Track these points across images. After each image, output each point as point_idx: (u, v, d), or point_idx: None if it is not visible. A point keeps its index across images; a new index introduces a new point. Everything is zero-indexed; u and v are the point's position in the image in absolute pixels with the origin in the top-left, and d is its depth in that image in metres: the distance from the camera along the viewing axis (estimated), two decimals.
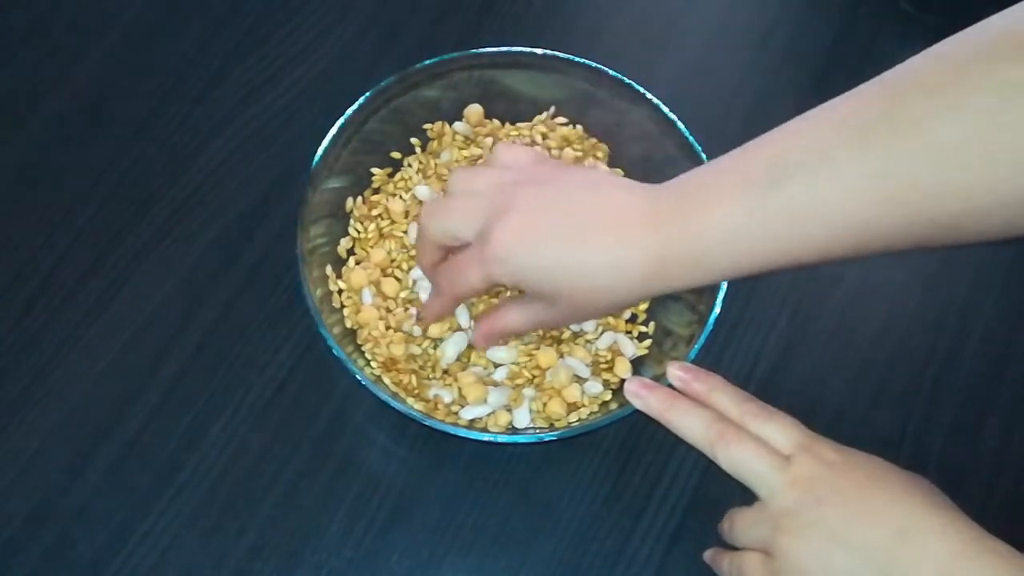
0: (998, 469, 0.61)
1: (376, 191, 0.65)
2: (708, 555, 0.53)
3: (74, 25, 0.73)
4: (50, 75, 0.71)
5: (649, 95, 0.62)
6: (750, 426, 0.48)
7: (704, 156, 0.60)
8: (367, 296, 0.61)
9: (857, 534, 0.44)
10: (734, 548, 0.50)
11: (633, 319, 0.63)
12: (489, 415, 0.59)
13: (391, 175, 0.66)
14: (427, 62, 0.63)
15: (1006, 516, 0.45)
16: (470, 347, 0.61)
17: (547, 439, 0.56)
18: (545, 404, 0.59)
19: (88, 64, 0.71)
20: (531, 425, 0.59)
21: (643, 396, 0.50)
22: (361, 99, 0.62)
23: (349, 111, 0.61)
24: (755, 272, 0.47)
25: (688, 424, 0.49)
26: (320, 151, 0.60)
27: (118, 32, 0.72)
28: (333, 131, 0.61)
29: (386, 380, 0.59)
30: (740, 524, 0.49)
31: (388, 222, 0.64)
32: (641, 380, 0.51)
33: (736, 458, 0.47)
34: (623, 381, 0.60)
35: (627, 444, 0.61)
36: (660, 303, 0.63)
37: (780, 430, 0.48)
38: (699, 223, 0.46)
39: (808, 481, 0.46)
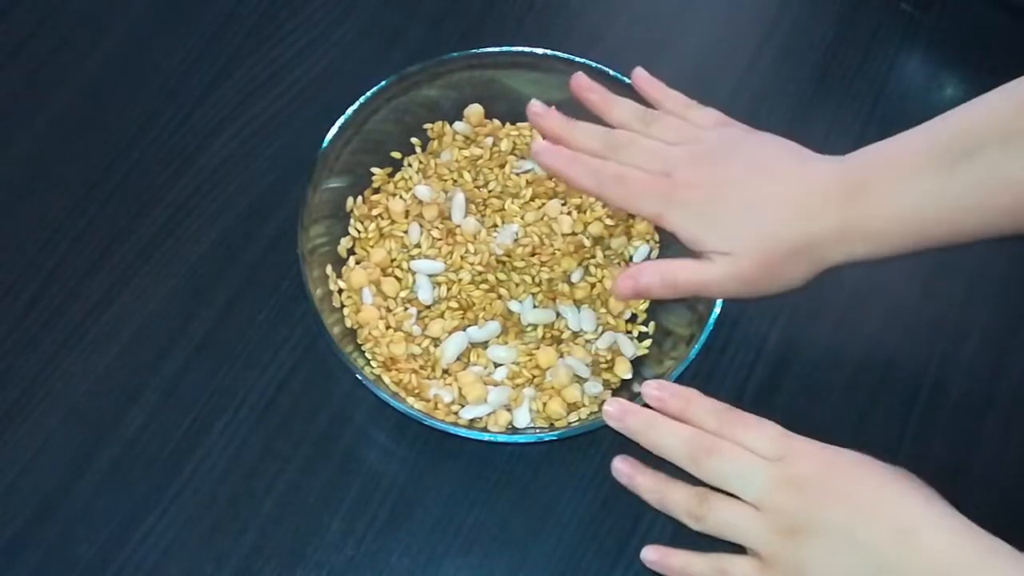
0: (997, 469, 0.61)
1: (376, 191, 0.65)
2: (653, 555, 0.50)
3: (76, 26, 0.73)
4: (52, 75, 0.71)
5: None
6: (730, 435, 0.48)
7: None
8: (367, 296, 0.62)
9: (855, 532, 0.44)
10: (688, 544, 0.49)
11: (633, 319, 0.63)
12: (489, 415, 0.59)
13: (391, 175, 0.66)
14: (427, 62, 0.63)
15: (1005, 516, 0.45)
16: (470, 346, 0.61)
17: (547, 439, 0.56)
18: (545, 404, 0.59)
19: (90, 64, 0.71)
20: (531, 425, 0.59)
21: (621, 418, 0.50)
22: (361, 99, 0.62)
23: (349, 111, 0.61)
24: (931, 246, 0.50)
25: (667, 443, 0.49)
26: (320, 151, 0.60)
27: (120, 33, 0.73)
28: (333, 131, 0.61)
29: (386, 380, 0.59)
30: (723, 516, 0.47)
31: (388, 222, 0.64)
32: (620, 403, 0.50)
33: (717, 468, 0.47)
34: (623, 381, 0.61)
35: (627, 444, 0.61)
36: (660, 303, 0.63)
37: (761, 435, 0.48)
38: (883, 198, 0.49)
39: (796, 481, 0.46)
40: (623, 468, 0.51)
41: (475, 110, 0.66)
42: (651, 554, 0.50)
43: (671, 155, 0.53)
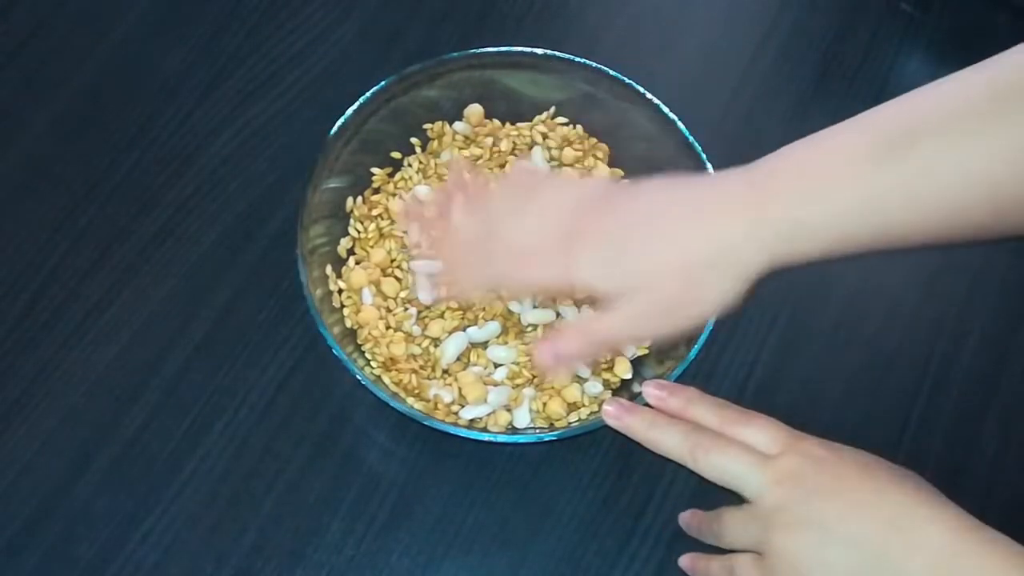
0: (997, 469, 0.61)
1: (376, 191, 0.65)
2: (686, 561, 0.52)
3: (76, 26, 0.73)
4: (52, 76, 0.71)
5: (649, 95, 0.62)
6: (731, 432, 0.48)
7: (704, 156, 0.60)
8: (367, 296, 0.62)
9: (850, 526, 0.44)
10: (714, 551, 0.50)
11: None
12: (489, 415, 0.59)
13: (391, 175, 0.66)
14: (427, 62, 0.63)
15: (1005, 516, 0.45)
16: (470, 347, 0.61)
17: (547, 439, 0.56)
18: (545, 404, 0.59)
19: (90, 65, 0.71)
20: (531, 425, 0.59)
21: (621, 418, 0.50)
22: (361, 99, 0.62)
23: (349, 111, 0.61)
24: (860, 249, 0.46)
25: (666, 440, 0.49)
26: (320, 151, 0.60)
27: (120, 33, 0.73)
28: (333, 131, 0.61)
29: (386, 380, 0.59)
30: (730, 525, 0.49)
31: (388, 222, 0.64)
32: (619, 402, 0.51)
33: (717, 463, 0.47)
34: (623, 381, 0.61)
35: (627, 444, 0.61)
36: None
37: (762, 432, 0.48)
38: (806, 203, 0.46)
39: (795, 476, 0.46)
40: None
41: (475, 110, 0.66)
42: (685, 561, 0.53)
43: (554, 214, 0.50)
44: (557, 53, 0.64)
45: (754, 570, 0.47)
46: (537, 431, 0.58)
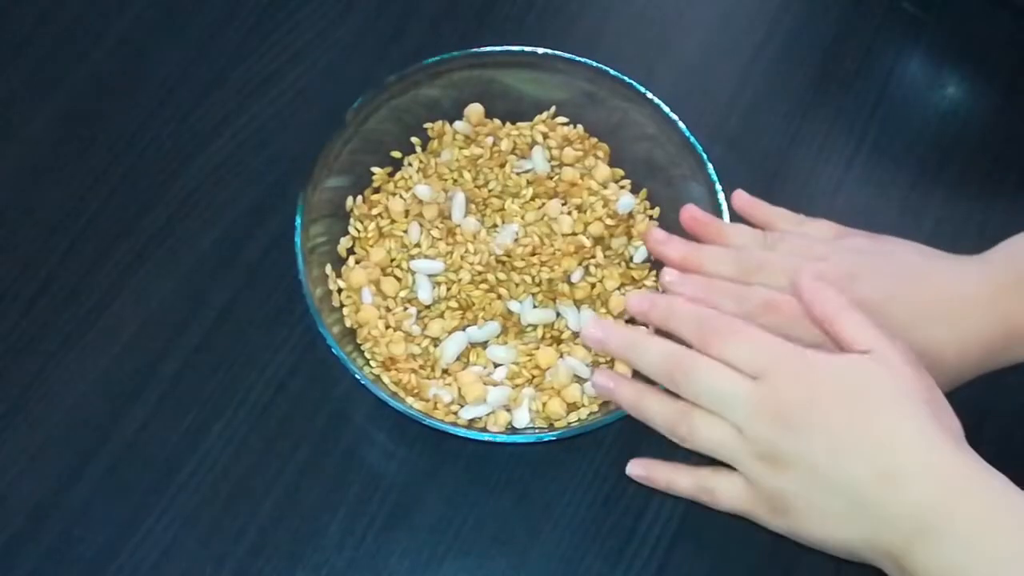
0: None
1: (376, 190, 0.65)
2: (638, 469, 0.52)
3: (75, 26, 0.73)
4: (51, 75, 0.71)
5: (650, 95, 0.62)
6: (713, 348, 0.47)
7: (704, 156, 0.60)
8: (367, 295, 0.62)
9: (836, 473, 0.44)
10: (669, 458, 0.50)
11: (633, 319, 0.63)
12: (489, 415, 0.59)
13: (391, 174, 0.66)
14: (427, 61, 0.63)
15: None
16: (470, 346, 0.61)
17: (547, 439, 0.56)
18: (545, 404, 0.59)
19: (89, 64, 0.71)
20: (531, 425, 0.59)
21: (605, 340, 0.51)
22: (361, 98, 0.62)
23: (349, 111, 0.61)
24: None
25: (647, 360, 0.49)
26: (320, 151, 0.60)
27: (119, 32, 0.72)
28: (333, 131, 0.61)
29: (386, 379, 0.59)
30: (711, 438, 0.47)
31: (388, 221, 0.64)
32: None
33: (697, 387, 0.47)
34: None
35: (627, 444, 0.61)
36: None
37: (744, 344, 0.47)
38: None
39: (780, 412, 0.45)
40: (602, 380, 0.51)
41: (475, 109, 0.66)
42: (636, 468, 0.52)
43: None
44: (558, 52, 0.64)
45: (743, 495, 0.47)
46: (537, 431, 0.58)
